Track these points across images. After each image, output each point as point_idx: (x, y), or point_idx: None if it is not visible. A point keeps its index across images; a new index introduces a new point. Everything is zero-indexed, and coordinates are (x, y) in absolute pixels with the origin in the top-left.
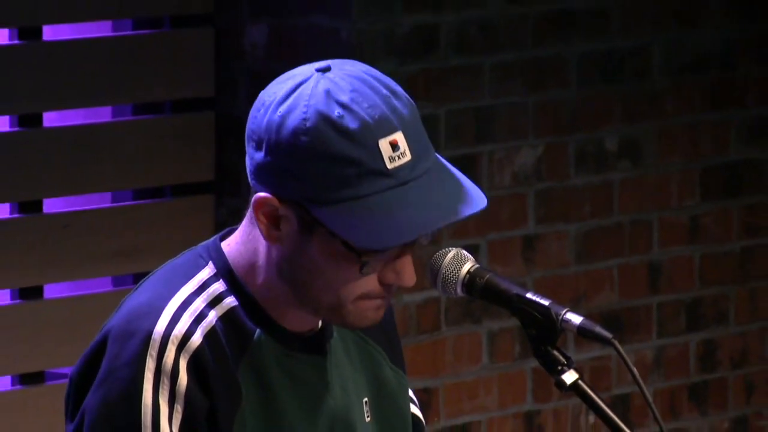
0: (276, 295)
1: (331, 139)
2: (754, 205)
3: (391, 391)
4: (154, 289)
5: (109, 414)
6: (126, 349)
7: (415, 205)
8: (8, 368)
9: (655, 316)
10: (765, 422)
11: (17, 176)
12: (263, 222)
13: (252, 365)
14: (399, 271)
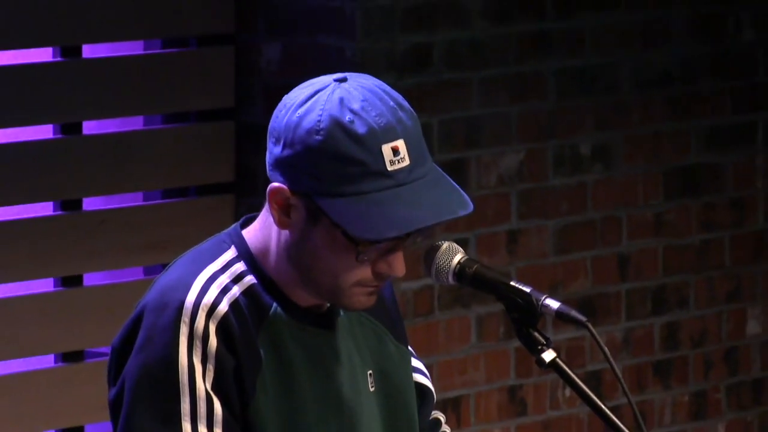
0: (287, 275)
1: (340, 140)
2: (710, 204)
3: (393, 365)
4: (184, 268)
5: (149, 375)
6: (162, 318)
7: (409, 204)
8: (52, 348)
9: (624, 301)
10: (721, 395)
11: (59, 178)
12: (276, 209)
13: (269, 335)
14: (391, 263)
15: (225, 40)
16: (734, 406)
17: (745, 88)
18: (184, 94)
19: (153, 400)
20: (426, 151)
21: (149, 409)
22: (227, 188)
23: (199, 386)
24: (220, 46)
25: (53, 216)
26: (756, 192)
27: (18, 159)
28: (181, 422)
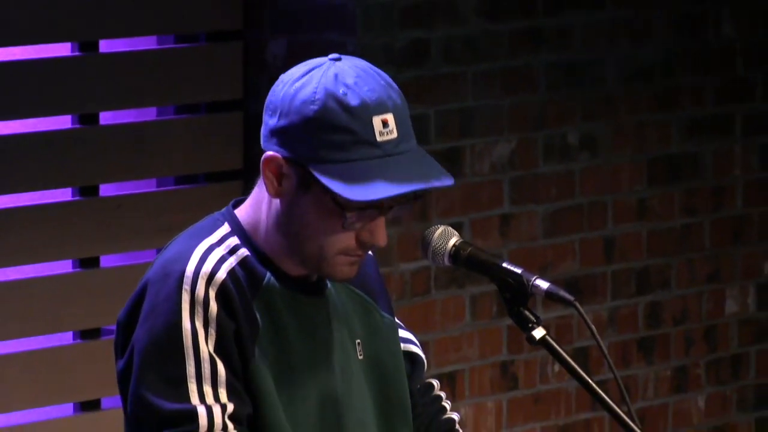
0: (277, 247)
1: (334, 110)
2: (691, 190)
3: (381, 335)
4: (182, 243)
5: (155, 341)
6: (164, 288)
7: (395, 172)
8: (71, 325)
9: (610, 282)
10: (701, 370)
11: (78, 166)
12: (269, 177)
13: (264, 303)
14: (373, 231)
15: (233, 36)
16: (713, 381)
17: (724, 81)
18: (195, 87)
19: (160, 364)
20: (411, 129)
21: (157, 372)
22: (235, 175)
23: (202, 349)
24: (228, 42)
25: (72, 201)
26: (734, 179)
27: (38, 148)
28: (187, 383)
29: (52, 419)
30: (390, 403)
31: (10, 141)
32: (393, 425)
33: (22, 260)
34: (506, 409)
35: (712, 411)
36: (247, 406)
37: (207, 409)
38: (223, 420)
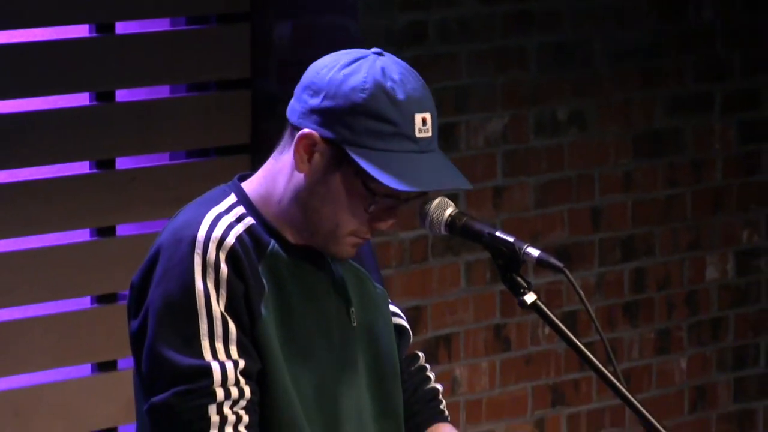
0: (285, 218)
1: (381, 100)
2: (673, 163)
3: (374, 303)
4: (192, 211)
5: (170, 302)
6: (177, 253)
7: (427, 168)
8: (88, 290)
9: (597, 250)
10: (683, 333)
11: (95, 140)
12: (299, 153)
13: (269, 268)
14: (387, 219)
15: (242, 18)
16: (695, 343)
17: (704, 61)
18: (205, 66)
19: (174, 323)
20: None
21: (172, 331)
22: (244, 149)
23: (214, 308)
24: (237, 24)
25: (89, 174)
26: (714, 153)
27: (58, 124)
28: (200, 340)
29: (70, 379)
30: (381, 366)
31: (32, 117)
32: (384, 386)
33: (42, 229)
34: (499, 370)
35: (693, 371)
36: (256, 363)
37: (220, 365)
38: (236, 375)
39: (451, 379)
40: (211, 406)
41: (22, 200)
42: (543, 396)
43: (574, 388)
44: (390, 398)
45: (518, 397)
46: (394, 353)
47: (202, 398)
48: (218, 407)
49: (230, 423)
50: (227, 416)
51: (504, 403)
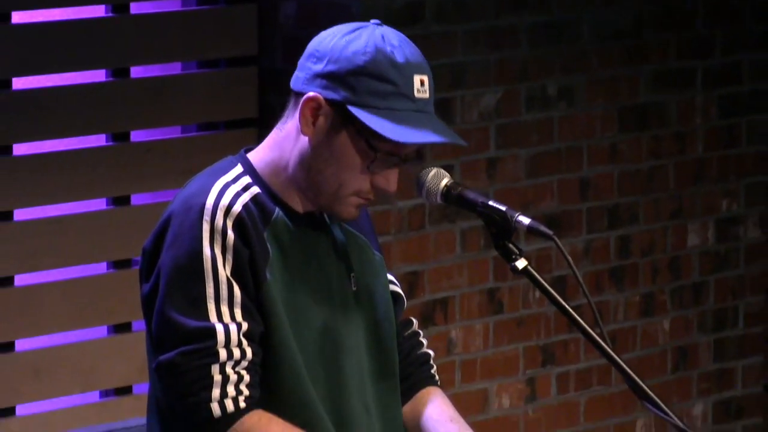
0: (289, 185)
1: (382, 62)
2: (657, 136)
3: (373, 269)
4: (201, 181)
5: (179, 266)
6: (187, 220)
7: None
8: (105, 256)
9: (585, 218)
10: (666, 296)
11: (111, 114)
12: (305, 116)
13: (274, 234)
14: (389, 178)
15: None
16: (677, 306)
17: (686, 39)
18: (215, 44)
19: (183, 286)
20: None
21: (180, 294)
22: (251, 123)
23: (221, 273)
24: (245, 4)
25: (105, 146)
26: (695, 127)
27: (76, 98)
28: (206, 303)
29: (88, 340)
30: (379, 328)
31: (52, 92)
32: (382, 347)
33: (62, 198)
34: (492, 332)
35: (675, 333)
36: (259, 326)
37: (224, 327)
38: (239, 337)
39: (446, 340)
40: (214, 366)
41: (42, 171)
42: (534, 356)
43: (563, 348)
44: (387, 359)
45: (510, 357)
46: (391, 316)
47: (206, 358)
48: (221, 367)
49: (232, 382)
50: (229, 375)
51: (497, 363)
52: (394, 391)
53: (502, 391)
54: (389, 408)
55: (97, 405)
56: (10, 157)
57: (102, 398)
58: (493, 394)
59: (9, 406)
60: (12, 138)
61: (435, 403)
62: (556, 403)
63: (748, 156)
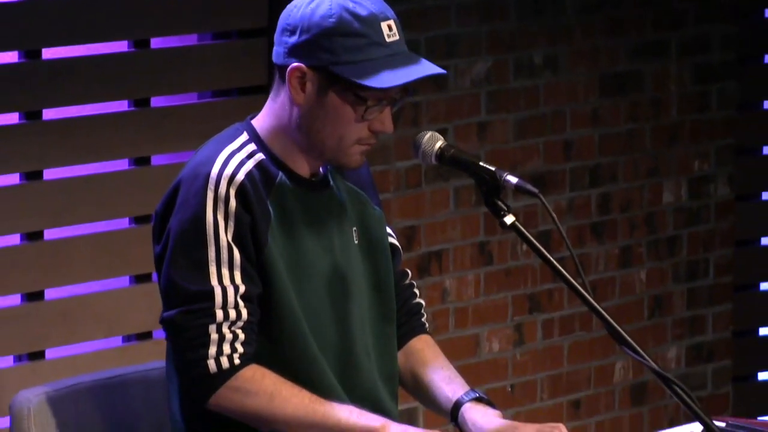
0: (291, 149)
1: (348, 20)
2: (635, 101)
3: (373, 223)
4: (209, 150)
5: (184, 230)
6: (193, 187)
7: (404, 64)
8: (127, 212)
9: (568, 177)
10: (642, 249)
11: (132, 82)
12: (293, 86)
13: (277, 198)
14: (383, 120)
15: None
16: (653, 258)
17: (661, 12)
18: (228, 16)
19: (187, 250)
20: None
21: (184, 257)
22: (261, 90)
23: (222, 238)
24: None
25: (127, 111)
26: (670, 93)
27: (101, 67)
28: (208, 266)
29: (111, 289)
30: (379, 278)
31: (79, 62)
32: (382, 295)
33: (87, 159)
34: (483, 281)
35: (651, 282)
36: (257, 287)
37: (222, 290)
38: (236, 299)
39: (441, 289)
40: (211, 326)
41: (69, 134)
42: (521, 304)
43: (548, 297)
44: (387, 306)
45: (499, 305)
46: (389, 265)
47: (204, 318)
48: (217, 327)
49: (227, 340)
50: (225, 335)
51: (487, 311)
52: (392, 336)
53: (492, 337)
54: (387, 352)
55: (120, 349)
56: (40, 122)
57: (124, 343)
58: (483, 339)
59: (39, 349)
60: (42, 104)
61: (426, 350)
62: (541, 348)
63: (718, 120)
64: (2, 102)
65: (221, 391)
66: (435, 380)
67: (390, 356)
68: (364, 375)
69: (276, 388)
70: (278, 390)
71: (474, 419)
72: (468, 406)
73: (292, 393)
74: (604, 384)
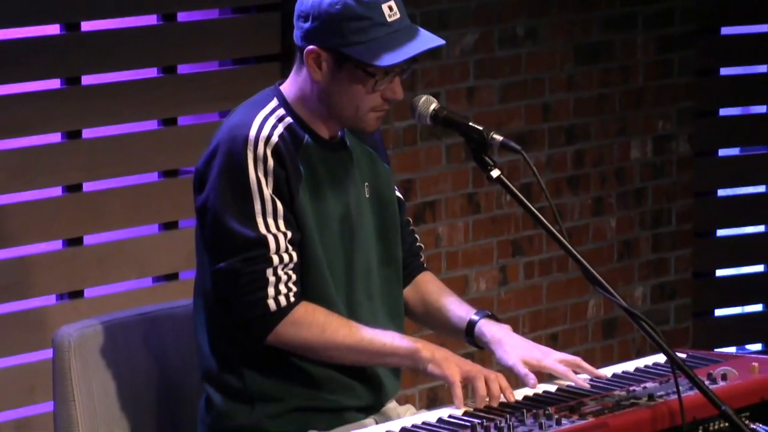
0: (315, 115)
1: (352, 6)
2: (606, 69)
3: (382, 179)
4: (243, 114)
5: (232, 188)
6: (233, 149)
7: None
8: (156, 167)
9: (547, 136)
10: (613, 200)
11: (160, 51)
12: (311, 66)
13: (304, 157)
14: (394, 89)
15: None
16: (622, 207)
17: None
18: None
19: (235, 205)
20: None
21: (234, 212)
22: (275, 58)
23: (265, 192)
24: None
25: (156, 78)
26: (637, 61)
27: (132, 39)
28: (256, 218)
29: (142, 236)
30: (386, 226)
31: (113, 33)
32: (388, 241)
33: (119, 120)
34: (471, 228)
35: (621, 229)
36: (297, 233)
37: (273, 237)
38: (285, 244)
39: (434, 235)
40: (268, 270)
41: (105, 97)
42: (505, 248)
43: (529, 242)
44: (393, 251)
45: (486, 249)
46: (396, 218)
47: (261, 263)
48: (274, 270)
49: (282, 281)
50: (280, 277)
51: (475, 254)
52: (396, 278)
53: (480, 277)
54: (392, 294)
55: (150, 289)
56: (80, 87)
57: (154, 283)
58: (472, 279)
59: (78, 289)
60: (81, 71)
61: (432, 283)
62: (523, 287)
63: (679, 85)
64: (46, 68)
65: (280, 326)
66: (446, 305)
67: (395, 298)
68: (365, 314)
69: (326, 320)
70: (329, 322)
71: (492, 332)
72: (483, 321)
73: (340, 323)
74: (579, 319)
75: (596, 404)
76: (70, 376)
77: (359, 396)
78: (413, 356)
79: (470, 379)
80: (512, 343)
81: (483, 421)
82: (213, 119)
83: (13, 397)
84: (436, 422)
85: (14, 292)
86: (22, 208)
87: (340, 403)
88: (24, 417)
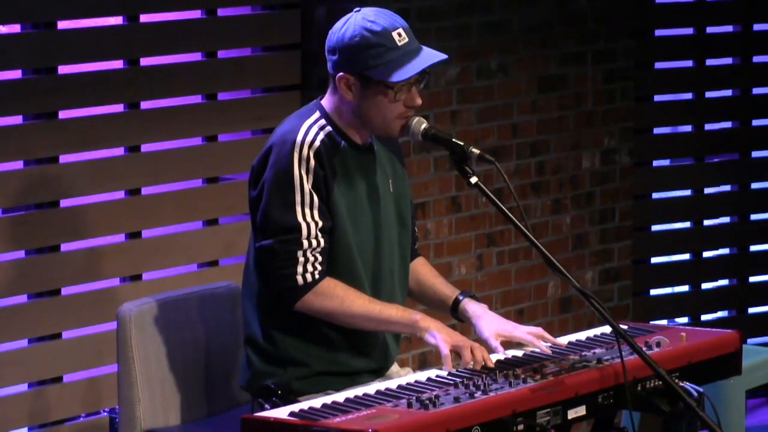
0: (350, 125)
1: (368, 37)
2: (563, 96)
3: (400, 176)
4: (293, 122)
5: (278, 182)
6: (283, 150)
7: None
8: (201, 175)
9: (515, 150)
10: (568, 201)
11: (203, 82)
12: (343, 89)
13: (341, 159)
14: (413, 97)
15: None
16: (575, 207)
17: (581, 33)
18: (272, 35)
19: (279, 195)
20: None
21: (278, 201)
22: (296, 87)
23: (305, 187)
24: (291, 10)
25: (200, 103)
26: (587, 90)
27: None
28: (295, 207)
29: (188, 231)
30: (403, 217)
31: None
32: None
33: (171, 137)
34: (454, 224)
35: (574, 225)
36: (329, 222)
37: (307, 224)
38: (316, 231)
39: (424, 230)
40: (299, 251)
41: (160, 120)
42: (481, 240)
43: (500, 235)
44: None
45: (466, 241)
46: (409, 209)
47: (294, 245)
48: (303, 252)
49: (310, 261)
50: (309, 257)
51: (457, 245)
52: (407, 260)
53: (461, 264)
54: (404, 270)
55: (195, 273)
56: (140, 110)
57: (198, 269)
58: (455, 266)
59: (138, 273)
60: (141, 98)
61: (425, 266)
62: (496, 271)
63: (620, 109)
64: (114, 96)
65: (306, 297)
66: (436, 284)
67: (406, 273)
68: (387, 286)
69: (345, 293)
70: (347, 294)
71: (473, 309)
72: (466, 300)
73: (356, 296)
74: (541, 298)
75: (555, 366)
76: (130, 343)
77: (370, 359)
78: (413, 326)
79: (459, 347)
80: (488, 318)
81: (464, 380)
82: (246, 137)
83: (85, 360)
84: (425, 380)
85: (86, 275)
86: (94, 208)
87: (354, 367)
88: (94, 377)
